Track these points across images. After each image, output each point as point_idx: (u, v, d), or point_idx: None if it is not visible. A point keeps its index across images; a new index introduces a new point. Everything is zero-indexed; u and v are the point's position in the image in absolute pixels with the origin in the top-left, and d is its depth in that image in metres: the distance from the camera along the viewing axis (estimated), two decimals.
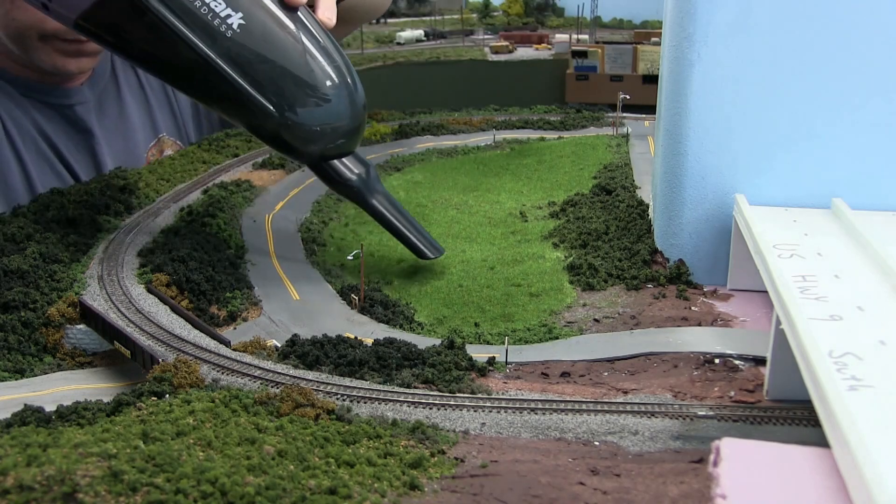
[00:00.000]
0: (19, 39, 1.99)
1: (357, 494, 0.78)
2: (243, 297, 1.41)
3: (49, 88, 2.11)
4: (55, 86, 2.13)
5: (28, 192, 2.04)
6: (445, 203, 1.99)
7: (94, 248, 1.57)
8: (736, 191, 1.34)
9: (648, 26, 4.27)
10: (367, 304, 1.40)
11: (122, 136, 2.27)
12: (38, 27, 1.96)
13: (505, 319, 1.37)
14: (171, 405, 0.97)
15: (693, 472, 0.82)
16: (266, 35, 1.41)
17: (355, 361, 1.12)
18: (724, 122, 1.32)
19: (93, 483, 0.73)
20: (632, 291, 1.40)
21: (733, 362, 1.11)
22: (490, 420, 0.98)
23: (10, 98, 2.07)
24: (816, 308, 0.93)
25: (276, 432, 0.91)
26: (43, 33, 1.98)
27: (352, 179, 1.53)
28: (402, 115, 2.80)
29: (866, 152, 1.28)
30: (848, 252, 1.11)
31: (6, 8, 1.96)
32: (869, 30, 1.23)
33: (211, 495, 0.74)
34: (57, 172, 2.12)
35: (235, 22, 1.39)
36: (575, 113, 2.82)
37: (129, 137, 2.29)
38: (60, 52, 2.03)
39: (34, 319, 1.34)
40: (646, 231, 1.59)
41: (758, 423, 0.94)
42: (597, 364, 1.16)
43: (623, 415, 0.97)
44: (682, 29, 1.32)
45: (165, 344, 1.18)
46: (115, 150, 2.24)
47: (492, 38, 4.36)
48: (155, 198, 1.87)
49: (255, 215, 1.82)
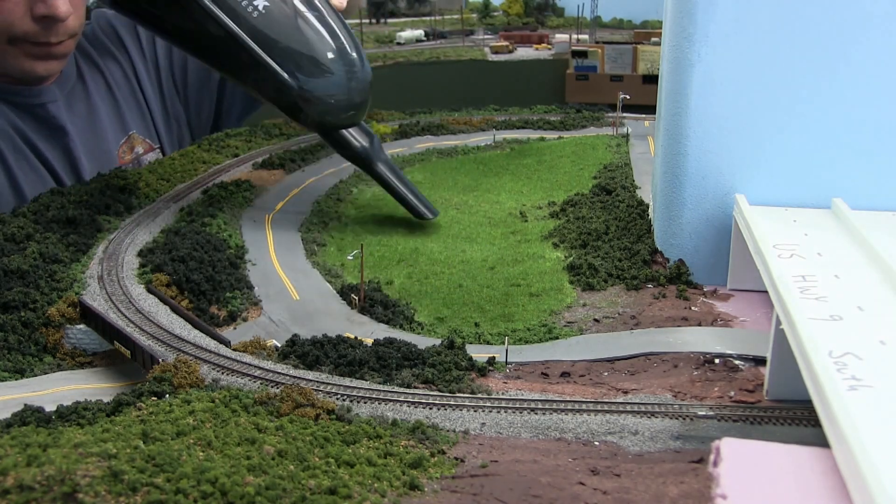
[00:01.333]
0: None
1: (357, 494, 0.78)
2: (243, 297, 1.41)
3: (17, 89, 2.10)
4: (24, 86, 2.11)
5: (13, 191, 2.03)
6: (445, 203, 1.99)
7: (94, 248, 1.57)
8: (736, 191, 1.34)
9: (648, 26, 4.27)
10: (367, 304, 1.40)
11: (93, 134, 2.26)
12: (7, 31, 1.95)
13: (505, 319, 1.37)
14: (171, 405, 0.97)
15: (693, 472, 0.82)
16: (287, 17, 1.62)
17: (355, 361, 1.12)
18: (724, 122, 1.32)
19: (93, 483, 0.73)
20: (632, 291, 1.40)
21: (733, 362, 1.11)
22: (490, 420, 0.98)
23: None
24: (816, 308, 0.93)
25: (276, 432, 0.91)
26: (12, 37, 1.96)
27: (359, 148, 1.76)
28: (402, 115, 2.80)
29: (866, 152, 1.28)
30: (848, 252, 1.11)
31: None
32: (868, 30, 1.23)
33: (211, 495, 0.74)
34: (36, 170, 2.11)
35: (261, 4, 1.60)
36: (575, 113, 2.82)
37: (99, 135, 2.28)
38: (29, 55, 2.01)
39: (34, 319, 1.34)
40: (646, 231, 1.59)
41: (758, 423, 0.94)
42: (597, 364, 1.16)
43: (623, 415, 0.97)
44: (682, 29, 1.32)
45: (165, 344, 1.18)
46: (87, 147, 2.23)
47: (492, 38, 4.36)
48: (155, 198, 1.87)
49: (255, 215, 1.82)
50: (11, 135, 2.08)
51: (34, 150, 2.12)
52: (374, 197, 2.04)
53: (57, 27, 1.99)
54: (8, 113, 2.08)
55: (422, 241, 1.74)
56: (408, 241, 1.73)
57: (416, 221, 1.84)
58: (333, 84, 1.65)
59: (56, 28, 1.99)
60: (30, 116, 2.12)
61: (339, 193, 2.04)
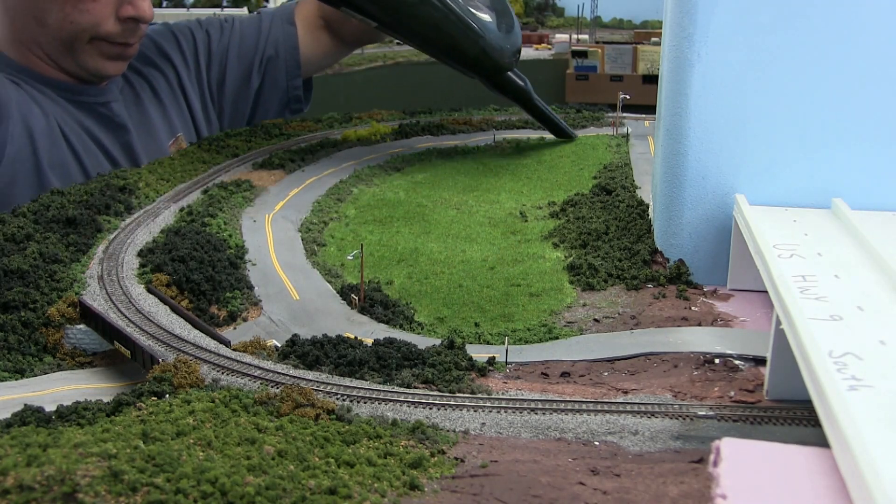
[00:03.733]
0: (70, 42, 2.05)
1: (357, 494, 0.78)
2: (243, 297, 1.41)
3: (82, 88, 2.17)
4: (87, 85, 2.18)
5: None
6: (445, 203, 1.99)
7: (94, 248, 1.57)
8: (736, 191, 1.34)
9: (648, 26, 4.27)
10: (367, 304, 1.40)
11: (147, 133, 2.36)
12: (93, 30, 2.02)
13: (505, 319, 1.37)
14: (171, 405, 0.97)
15: (693, 472, 0.82)
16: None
17: (355, 361, 1.12)
18: (724, 122, 1.32)
19: (93, 483, 0.73)
20: (632, 291, 1.40)
21: (733, 362, 1.11)
22: (490, 420, 0.98)
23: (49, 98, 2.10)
24: (816, 308, 0.93)
25: (276, 432, 0.91)
26: (95, 36, 2.04)
27: (522, 85, 2.31)
28: (402, 115, 2.80)
29: (866, 152, 1.28)
30: (848, 252, 1.11)
31: (66, 11, 2.00)
32: (868, 30, 1.23)
33: (211, 495, 0.74)
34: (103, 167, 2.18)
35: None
36: (575, 113, 2.82)
37: (153, 134, 2.38)
38: (104, 55, 2.11)
39: (34, 319, 1.34)
40: (646, 231, 1.59)
41: (758, 423, 0.94)
42: (597, 364, 1.16)
43: (623, 415, 0.97)
44: (682, 29, 1.32)
45: (165, 344, 1.18)
46: (144, 145, 2.32)
47: None
48: (155, 198, 1.87)
49: (254, 215, 1.82)
50: (80, 132, 2.12)
51: (101, 147, 2.21)
52: (374, 197, 2.04)
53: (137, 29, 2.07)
54: (74, 111, 2.13)
55: (422, 241, 1.74)
56: (408, 241, 1.73)
57: (415, 221, 1.85)
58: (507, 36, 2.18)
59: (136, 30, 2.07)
60: (94, 114, 2.21)
61: (339, 193, 2.04)
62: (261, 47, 2.62)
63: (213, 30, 2.61)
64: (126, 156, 2.27)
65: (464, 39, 2.08)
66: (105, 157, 2.21)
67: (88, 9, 2.03)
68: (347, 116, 2.81)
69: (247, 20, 2.71)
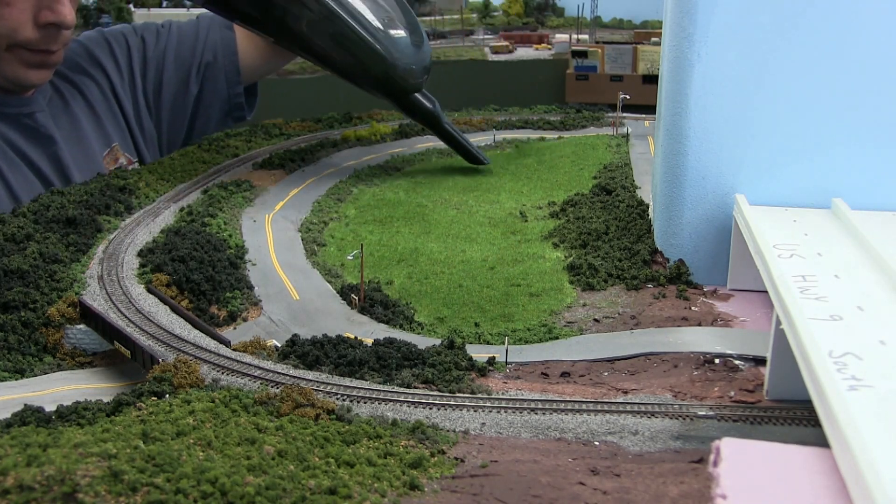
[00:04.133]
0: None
1: (357, 494, 0.78)
2: (243, 297, 1.41)
3: (3, 98, 2.08)
4: (9, 95, 2.10)
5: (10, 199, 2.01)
6: (445, 203, 1.99)
7: (94, 248, 1.57)
8: (736, 191, 1.34)
9: (648, 26, 4.27)
10: (367, 304, 1.40)
11: (78, 144, 2.25)
12: (10, 38, 1.94)
13: (505, 319, 1.37)
14: (171, 405, 0.97)
15: (693, 472, 0.82)
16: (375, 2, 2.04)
17: (355, 361, 1.12)
18: (724, 122, 1.32)
19: (93, 483, 0.73)
20: (632, 291, 1.40)
21: (733, 362, 1.11)
22: (490, 420, 0.98)
23: None
24: (816, 308, 0.93)
25: (276, 432, 0.91)
26: (13, 43, 1.96)
27: (430, 108, 2.18)
28: (402, 115, 2.80)
29: (866, 152, 1.28)
30: (848, 252, 1.11)
31: None
32: (868, 30, 1.23)
33: (211, 495, 0.74)
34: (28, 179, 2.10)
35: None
36: (575, 113, 2.82)
37: (84, 144, 2.27)
38: (25, 63, 2.01)
39: (34, 319, 1.34)
40: (646, 231, 1.59)
41: (758, 423, 0.94)
42: (597, 364, 1.16)
43: (623, 415, 0.97)
44: (682, 29, 1.32)
45: (165, 344, 1.18)
46: (74, 156, 2.21)
47: (492, 38, 4.36)
48: (155, 198, 1.87)
49: (254, 215, 1.82)
50: (1, 145, 2.06)
51: (25, 159, 2.11)
52: (374, 197, 2.04)
53: (59, 35, 1.99)
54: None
55: (422, 241, 1.74)
56: (408, 241, 1.73)
57: (415, 221, 1.84)
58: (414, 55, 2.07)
59: (58, 36, 1.99)
60: (18, 126, 2.10)
61: (339, 193, 2.04)
62: (198, 53, 2.51)
63: (148, 35, 2.50)
64: (54, 168, 2.17)
65: (367, 58, 2.00)
66: (31, 170, 2.12)
67: (3, 15, 1.93)
68: (347, 116, 2.81)
69: (185, 25, 2.59)
